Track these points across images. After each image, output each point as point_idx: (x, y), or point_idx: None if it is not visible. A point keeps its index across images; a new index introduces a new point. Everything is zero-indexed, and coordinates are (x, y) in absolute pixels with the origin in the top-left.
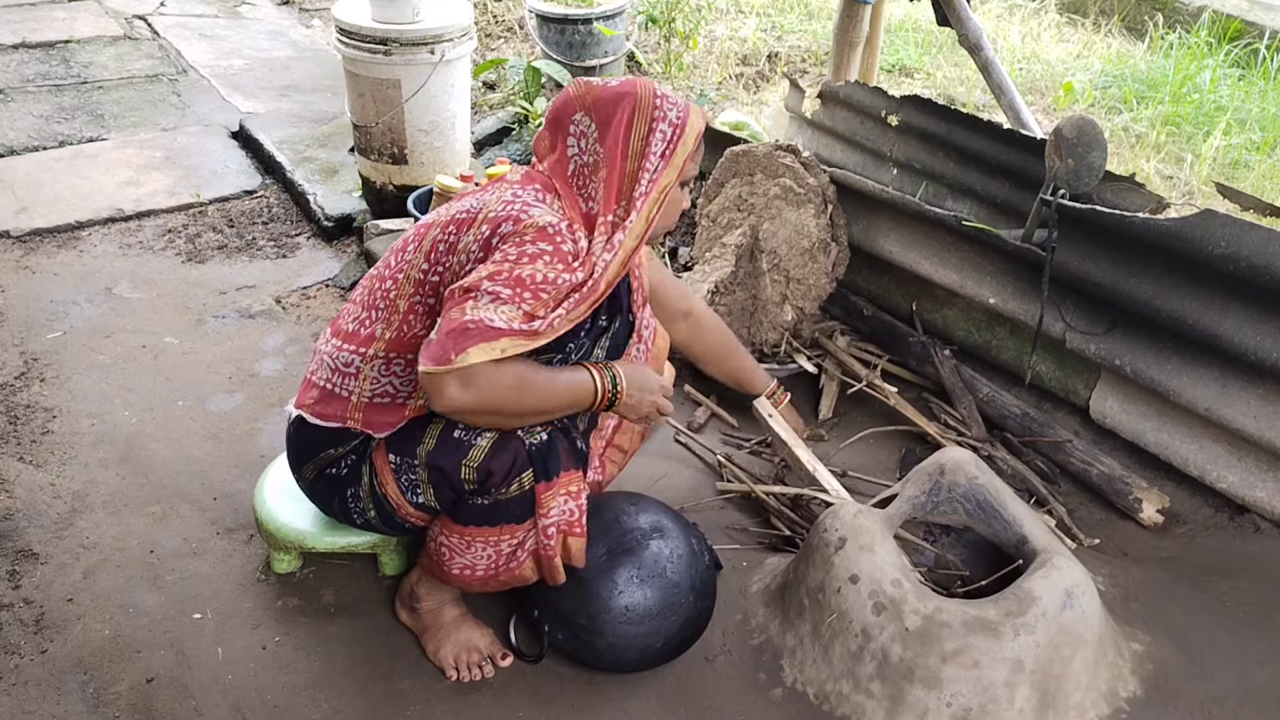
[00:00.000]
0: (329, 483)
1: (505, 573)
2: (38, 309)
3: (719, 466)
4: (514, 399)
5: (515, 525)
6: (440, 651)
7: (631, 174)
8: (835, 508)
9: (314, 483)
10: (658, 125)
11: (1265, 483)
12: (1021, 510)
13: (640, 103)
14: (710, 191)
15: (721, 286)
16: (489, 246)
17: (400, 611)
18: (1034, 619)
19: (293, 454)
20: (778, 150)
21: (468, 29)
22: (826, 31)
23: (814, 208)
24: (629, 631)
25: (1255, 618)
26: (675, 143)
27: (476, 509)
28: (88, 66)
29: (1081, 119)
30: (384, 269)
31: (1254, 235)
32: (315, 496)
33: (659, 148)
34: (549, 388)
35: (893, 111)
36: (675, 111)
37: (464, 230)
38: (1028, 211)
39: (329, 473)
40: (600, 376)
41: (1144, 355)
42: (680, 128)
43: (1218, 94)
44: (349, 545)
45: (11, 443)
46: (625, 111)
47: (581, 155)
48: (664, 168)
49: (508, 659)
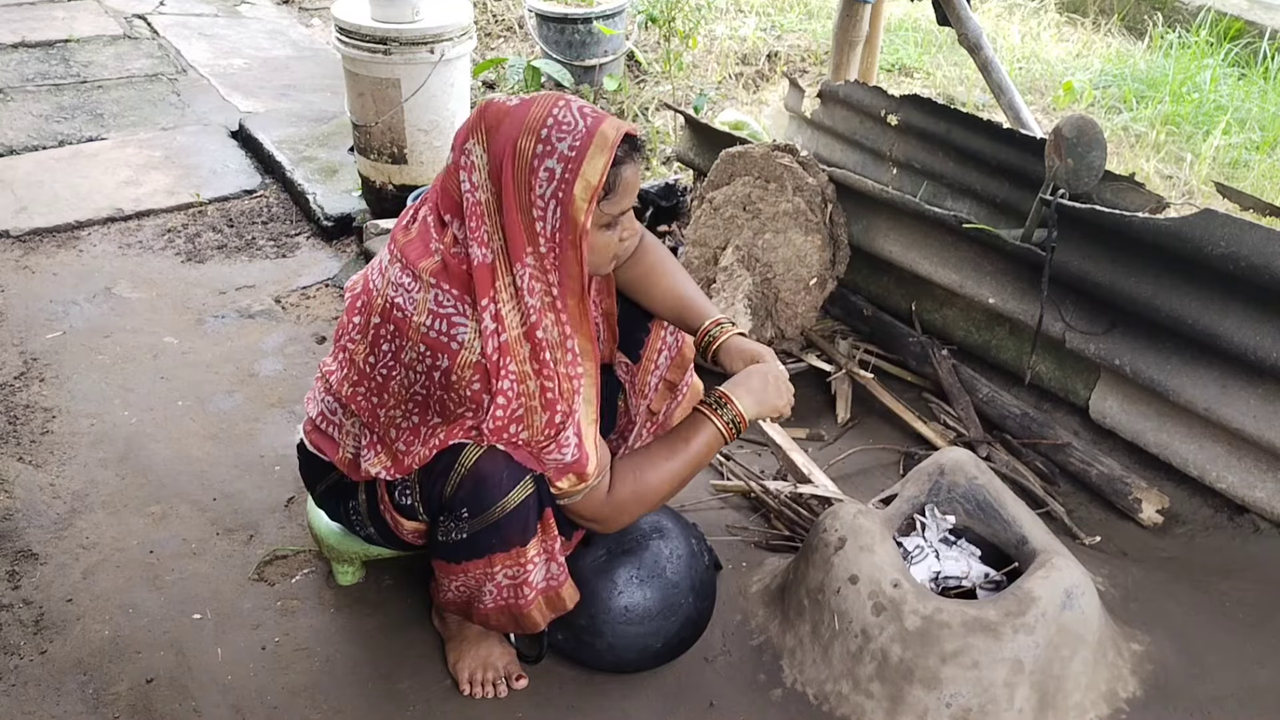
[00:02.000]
0: (335, 498)
1: (515, 608)
2: (37, 309)
3: (718, 465)
4: (669, 493)
5: (503, 554)
6: (459, 664)
7: (523, 220)
8: (835, 508)
9: (324, 495)
10: (543, 162)
11: (1265, 483)
12: (1021, 510)
13: (526, 127)
14: (718, 179)
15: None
16: (447, 385)
17: (433, 615)
18: (1033, 619)
19: (301, 470)
20: (775, 151)
21: (467, 28)
22: (826, 31)
23: (821, 239)
24: (629, 632)
25: (1255, 618)
26: (569, 183)
27: (460, 544)
28: (87, 66)
29: (1081, 118)
30: (345, 321)
31: (1254, 235)
32: (327, 510)
33: (546, 189)
34: (687, 468)
35: (892, 111)
36: (568, 141)
37: (399, 338)
38: (1027, 211)
39: (334, 489)
40: (719, 420)
41: (1144, 355)
42: (574, 162)
43: (1217, 93)
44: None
45: (11, 443)
46: (510, 139)
47: (474, 192)
48: (560, 215)
49: (522, 681)
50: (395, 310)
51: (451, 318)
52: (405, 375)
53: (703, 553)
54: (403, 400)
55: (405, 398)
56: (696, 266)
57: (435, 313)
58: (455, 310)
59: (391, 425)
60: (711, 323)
